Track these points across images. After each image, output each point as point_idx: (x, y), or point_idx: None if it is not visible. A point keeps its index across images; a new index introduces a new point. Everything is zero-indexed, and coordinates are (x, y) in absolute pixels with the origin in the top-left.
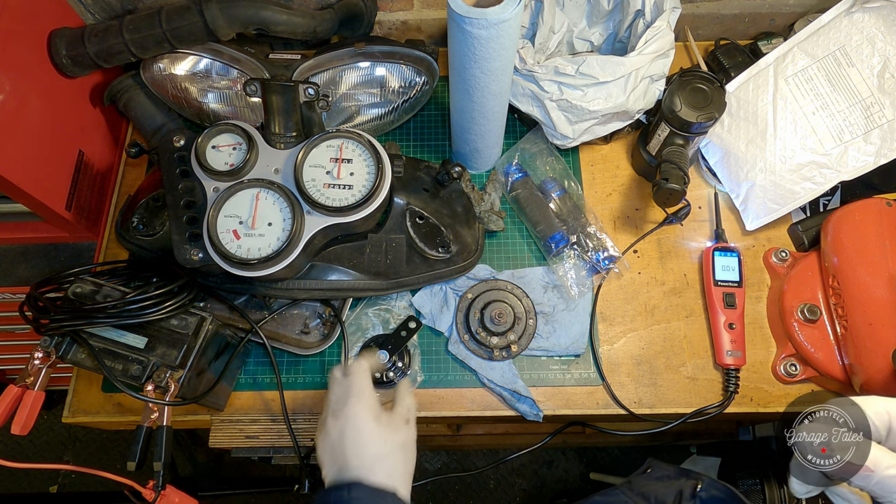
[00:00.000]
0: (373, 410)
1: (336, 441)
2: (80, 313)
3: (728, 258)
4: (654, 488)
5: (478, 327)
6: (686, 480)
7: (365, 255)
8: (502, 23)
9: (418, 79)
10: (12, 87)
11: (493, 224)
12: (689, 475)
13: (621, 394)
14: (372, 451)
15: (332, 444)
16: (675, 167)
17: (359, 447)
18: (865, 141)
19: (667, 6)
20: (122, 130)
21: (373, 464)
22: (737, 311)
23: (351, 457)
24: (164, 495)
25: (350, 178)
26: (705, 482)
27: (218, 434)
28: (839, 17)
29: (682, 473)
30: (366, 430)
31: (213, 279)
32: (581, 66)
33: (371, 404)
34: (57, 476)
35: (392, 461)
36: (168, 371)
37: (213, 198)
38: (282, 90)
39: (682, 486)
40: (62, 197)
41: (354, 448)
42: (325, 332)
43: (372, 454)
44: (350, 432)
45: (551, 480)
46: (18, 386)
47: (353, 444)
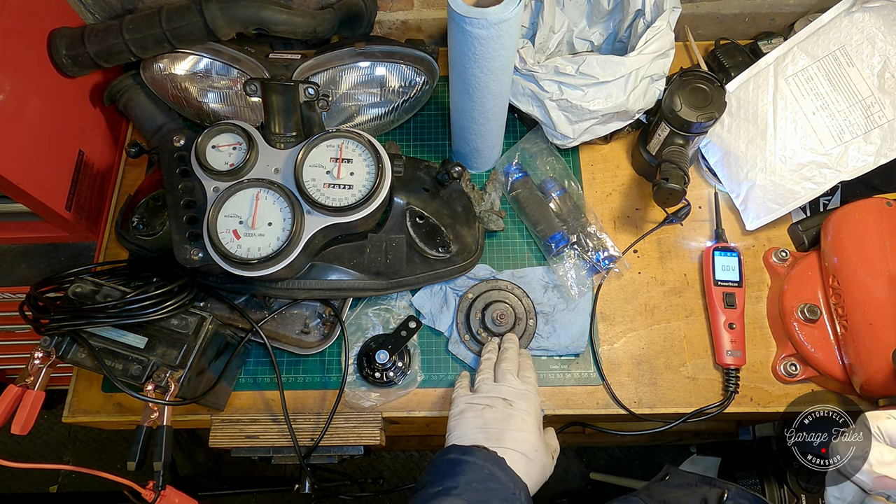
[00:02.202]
0: (539, 421)
1: (501, 418)
2: (80, 313)
3: (728, 258)
4: (676, 496)
5: (479, 327)
6: (710, 488)
7: (365, 254)
8: (502, 22)
9: (418, 79)
10: (12, 86)
11: (493, 224)
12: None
13: (621, 394)
14: (526, 445)
15: (495, 417)
16: (675, 167)
17: (517, 436)
18: (865, 141)
19: (667, 6)
20: (122, 130)
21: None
22: (737, 310)
23: (507, 436)
24: (164, 495)
25: (350, 177)
26: (732, 491)
27: (218, 434)
28: (839, 16)
29: (704, 481)
30: (529, 431)
31: (213, 279)
32: (581, 65)
33: (539, 416)
34: (57, 476)
35: (532, 467)
36: (168, 371)
37: (213, 198)
38: (282, 90)
39: (706, 493)
40: (62, 197)
41: (514, 434)
42: (325, 331)
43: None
44: (517, 422)
45: (551, 480)
46: (18, 386)
47: (515, 430)
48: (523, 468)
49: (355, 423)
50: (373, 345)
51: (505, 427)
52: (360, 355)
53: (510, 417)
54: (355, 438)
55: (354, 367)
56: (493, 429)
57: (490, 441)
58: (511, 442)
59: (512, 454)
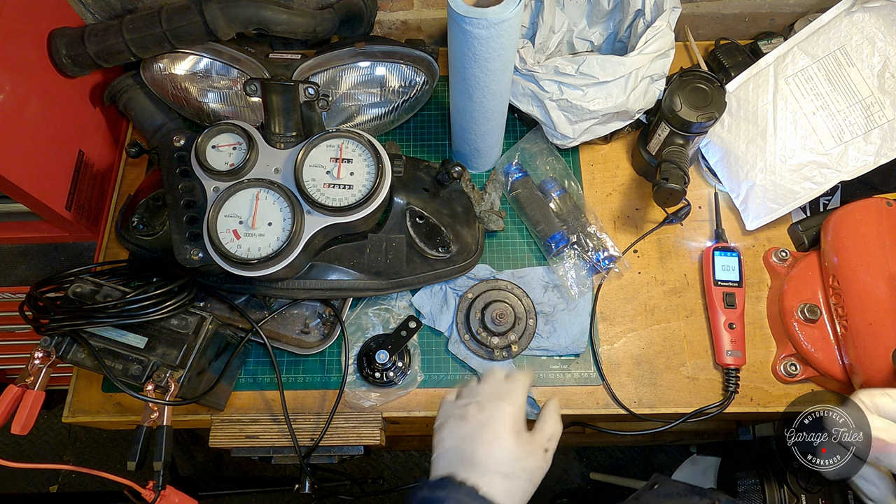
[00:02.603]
0: (517, 423)
1: (472, 432)
2: (80, 313)
3: (728, 258)
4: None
5: (478, 327)
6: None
7: (365, 254)
8: (502, 22)
9: (418, 78)
10: (12, 87)
11: (493, 224)
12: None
13: (621, 394)
14: (501, 462)
15: (467, 432)
16: (675, 167)
17: (492, 451)
18: (865, 141)
19: (667, 6)
20: (122, 130)
21: (495, 475)
22: (737, 310)
23: (479, 455)
24: (164, 495)
25: (350, 177)
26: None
27: (218, 434)
28: (839, 16)
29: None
30: (505, 439)
31: (213, 279)
32: (581, 65)
33: (519, 416)
34: (57, 476)
35: (514, 483)
36: (168, 371)
37: (213, 197)
38: (282, 90)
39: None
40: (62, 197)
41: (487, 448)
42: (325, 331)
43: (499, 465)
44: (489, 432)
45: (551, 480)
46: (18, 386)
47: (487, 444)
48: (502, 490)
49: (355, 423)
50: (373, 345)
51: (477, 443)
52: (360, 355)
53: (482, 427)
54: (355, 438)
55: (354, 367)
56: (465, 447)
57: (464, 465)
58: (485, 459)
59: (486, 478)
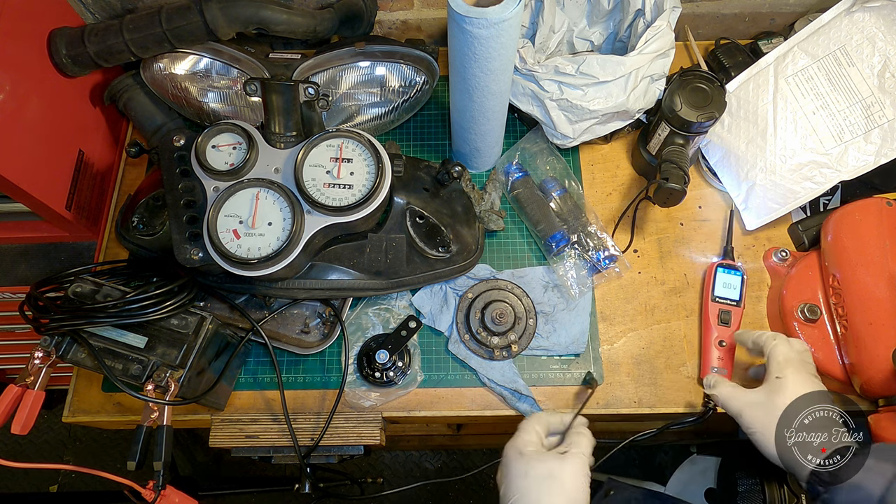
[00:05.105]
0: (517, 447)
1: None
2: (80, 313)
3: (731, 276)
4: None
5: (478, 327)
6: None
7: (365, 254)
8: (502, 22)
9: (418, 78)
10: (12, 87)
11: (494, 223)
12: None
13: (621, 394)
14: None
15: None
16: (675, 167)
17: (507, 481)
18: (866, 140)
19: (667, 6)
20: (122, 130)
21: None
22: (730, 329)
23: (502, 489)
24: (164, 495)
25: (350, 177)
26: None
27: (218, 434)
28: (839, 16)
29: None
30: (511, 467)
31: (213, 279)
32: (581, 65)
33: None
34: (57, 476)
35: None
36: (168, 370)
37: (213, 197)
38: (282, 90)
39: None
40: (62, 197)
41: (504, 482)
42: (325, 331)
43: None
44: (503, 468)
45: None
46: (18, 386)
47: (504, 478)
48: None
49: (355, 423)
50: (373, 344)
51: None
52: (360, 355)
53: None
54: (355, 438)
55: (354, 367)
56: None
57: None
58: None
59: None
